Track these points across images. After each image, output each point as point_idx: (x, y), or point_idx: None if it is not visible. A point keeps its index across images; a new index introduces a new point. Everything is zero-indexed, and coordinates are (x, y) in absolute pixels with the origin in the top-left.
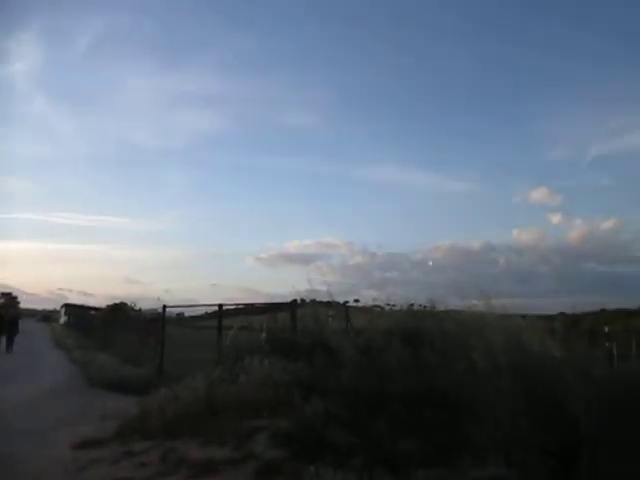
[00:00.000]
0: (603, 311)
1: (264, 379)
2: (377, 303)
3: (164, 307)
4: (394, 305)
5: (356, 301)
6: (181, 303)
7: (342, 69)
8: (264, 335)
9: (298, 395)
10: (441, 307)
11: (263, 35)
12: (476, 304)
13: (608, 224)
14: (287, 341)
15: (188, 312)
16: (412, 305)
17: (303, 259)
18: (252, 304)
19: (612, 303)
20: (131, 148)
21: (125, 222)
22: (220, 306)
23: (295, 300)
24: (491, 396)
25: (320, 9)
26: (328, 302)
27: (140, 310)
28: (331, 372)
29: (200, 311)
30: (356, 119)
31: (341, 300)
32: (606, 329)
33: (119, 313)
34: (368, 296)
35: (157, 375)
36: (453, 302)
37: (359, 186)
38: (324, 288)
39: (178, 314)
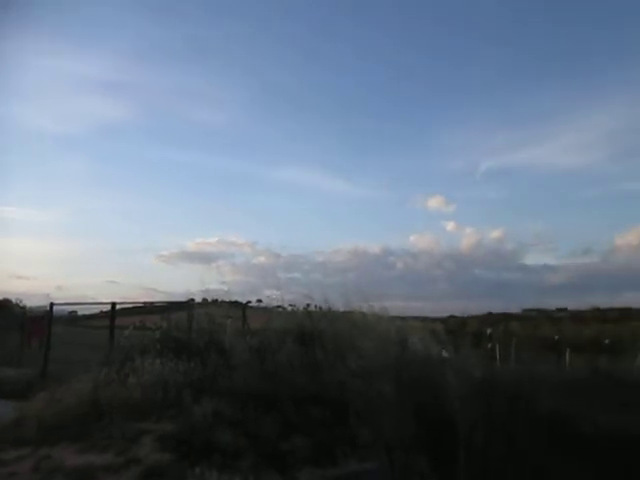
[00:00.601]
0: (489, 314)
1: (154, 380)
2: (279, 304)
3: (51, 304)
4: (295, 306)
5: (259, 301)
6: (75, 301)
7: (258, 68)
8: (156, 335)
9: (188, 396)
10: (337, 308)
11: (183, 26)
12: (371, 306)
13: (496, 234)
14: (180, 341)
15: (82, 310)
16: (308, 306)
17: (206, 258)
18: (150, 303)
19: (497, 307)
20: (26, 133)
21: (12, 211)
22: (113, 304)
23: (192, 299)
24: (375, 396)
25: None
26: (227, 302)
27: (25, 307)
28: (223, 373)
29: (95, 309)
30: (266, 118)
31: (243, 300)
32: (489, 331)
33: (1, 311)
34: (271, 296)
35: (40, 377)
36: (350, 303)
37: (265, 186)
38: (224, 287)
39: (71, 312)
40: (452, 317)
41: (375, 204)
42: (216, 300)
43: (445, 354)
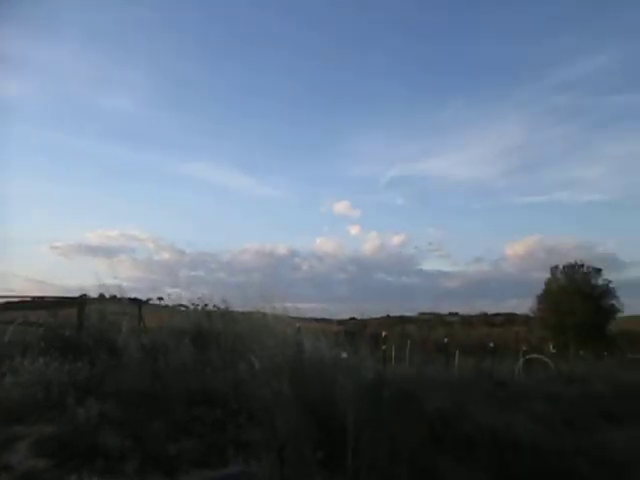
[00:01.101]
0: (388, 317)
1: (35, 380)
2: (181, 302)
3: None
4: (197, 305)
5: (159, 299)
6: None
7: (165, 59)
8: (40, 332)
9: (72, 397)
10: (237, 308)
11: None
12: (273, 307)
13: (397, 239)
14: (67, 339)
15: None
16: (206, 305)
17: (105, 251)
18: (39, 297)
19: (396, 310)
20: None
21: None
22: None
23: (84, 295)
24: (270, 396)
25: None
26: (126, 299)
27: None
28: (113, 373)
29: None
30: (175, 111)
31: (144, 297)
32: (384, 334)
33: None
34: (173, 295)
35: None
36: (251, 304)
37: (173, 180)
38: (122, 283)
39: None
40: (353, 319)
41: (284, 206)
42: (115, 297)
43: (344, 355)
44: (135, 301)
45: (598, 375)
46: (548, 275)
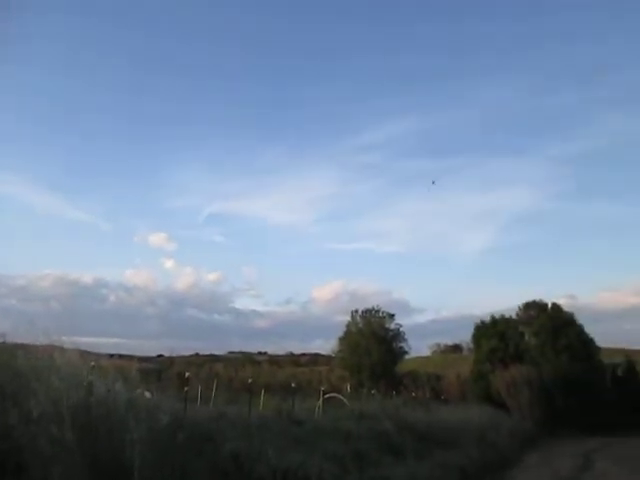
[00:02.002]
0: (197, 355)
1: None
2: None
3: None
4: None
5: None
6: None
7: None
8: None
9: None
10: (17, 341)
11: None
12: (66, 341)
13: (213, 276)
14: None
15: None
16: None
17: None
18: None
19: (206, 348)
20: None
21: None
22: None
23: None
24: (48, 443)
25: None
26: None
27: None
28: None
29: None
30: None
31: None
32: (187, 374)
33: None
34: None
35: None
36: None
37: None
38: None
39: None
40: (160, 356)
41: (96, 232)
42: None
43: (148, 395)
44: None
45: (385, 413)
46: (349, 318)
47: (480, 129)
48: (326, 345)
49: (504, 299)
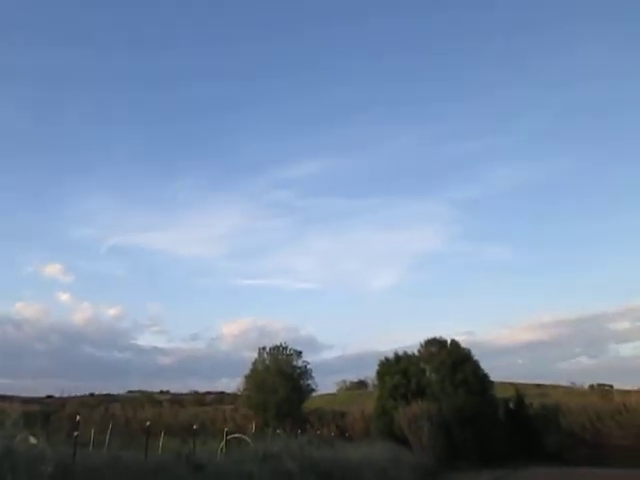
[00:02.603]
0: (92, 395)
1: None
2: None
3: None
4: None
5: None
6: None
7: None
8: None
9: None
10: None
11: None
12: None
13: (113, 311)
14: None
15: None
16: None
17: None
18: None
19: (102, 387)
20: None
21: None
22: None
23: None
24: None
25: None
26: None
27: None
28: None
29: None
30: None
31: None
32: (77, 418)
33: None
34: None
35: None
36: None
37: None
38: None
39: None
40: (50, 397)
41: None
42: None
43: (33, 441)
44: None
45: (290, 452)
46: (257, 355)
47: (389, 172)
48: (232, 383)
49: (408, 335)
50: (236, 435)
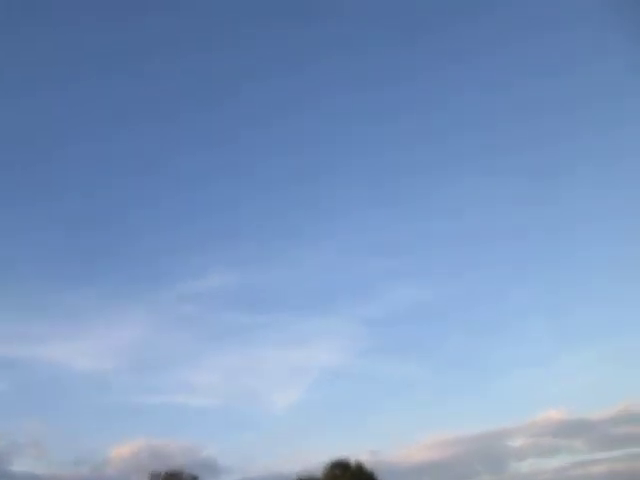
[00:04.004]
0: None
1: None
2: None
3: None
4: None
5: None
6: None
7: None
8: None
9: None
10: None
11: None
12: None
13: None
14: None
15: None
16: None
17: None
18: None
19: None
20: None
21: None
22: None
23: None
24: None
25: None
26: None
27: None
28: None
29: None
30: None
31: None
32: None
33: None
34: None
35: None
36: None
37: None
38: None
39: None
40: None
41: None
42: None
43: None
44: None
45: None
46: None
47: (295, 287)
48: None
49: (313, 456)
50: None
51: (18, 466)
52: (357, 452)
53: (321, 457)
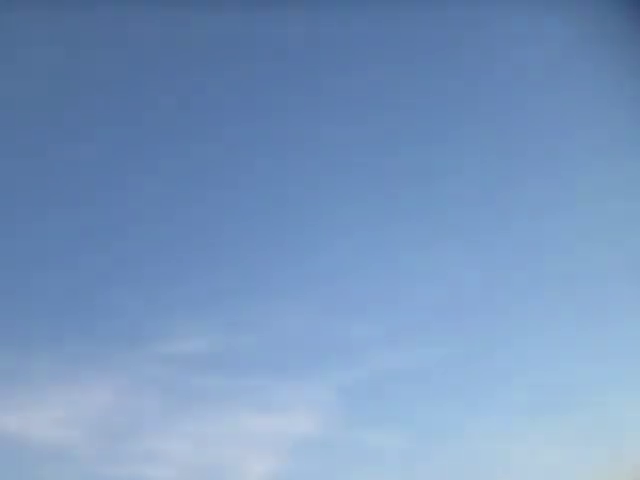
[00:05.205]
0: None
1: None
2: None
3: None
4: None
5: None
6: None
7: None
8: None
9: None
10: None
11: None
12: None
13: None
14: None
15: None
16: None
17: None
18: None
19: None
20: None
21: None
22: None
23: None
24: None
25: None
26: None
27: None
28: None
29: None
30: None
31: None
32: None
33: None
34: None
35: None
36: None
37: None
38: None
39: None
40: None
41: None
42: None
43: None
44: None
45: None
46: None
47: (273, 351)
48: None
49: None
50: None
51: None
52: None
53: None
